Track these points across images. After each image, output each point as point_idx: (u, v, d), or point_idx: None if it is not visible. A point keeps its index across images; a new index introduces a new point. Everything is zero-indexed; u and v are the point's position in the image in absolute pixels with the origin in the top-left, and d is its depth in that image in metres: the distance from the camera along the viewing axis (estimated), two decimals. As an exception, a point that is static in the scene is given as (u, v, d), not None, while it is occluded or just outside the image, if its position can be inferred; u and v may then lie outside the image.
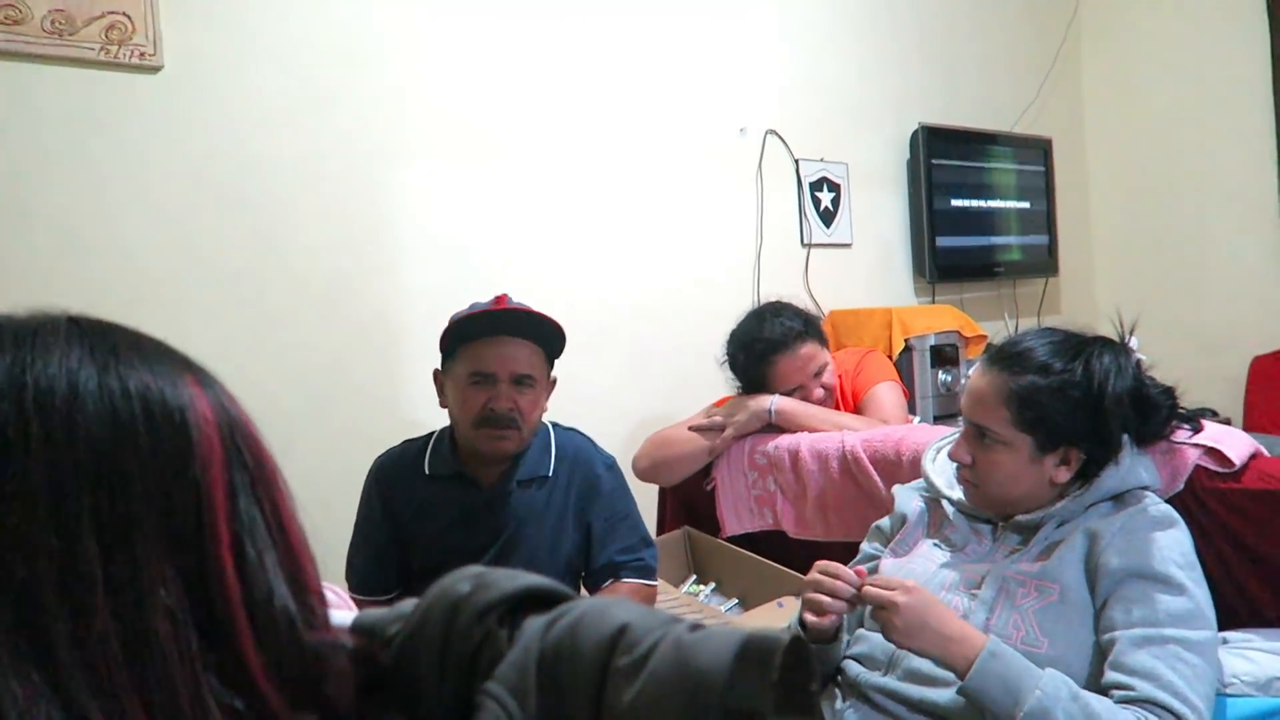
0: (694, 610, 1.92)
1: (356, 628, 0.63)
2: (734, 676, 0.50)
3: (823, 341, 2.25)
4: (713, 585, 2.12)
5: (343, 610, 0.64)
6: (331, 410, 2.10)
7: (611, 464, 1.80)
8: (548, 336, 1.67)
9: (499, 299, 1.67)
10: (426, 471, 1.73)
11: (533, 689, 0.53)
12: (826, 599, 1.27)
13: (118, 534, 0.49)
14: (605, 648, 0.53)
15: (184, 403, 0.54)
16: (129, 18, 1.84)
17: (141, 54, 1.86)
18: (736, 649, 0.51)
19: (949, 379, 2.91)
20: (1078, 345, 1.36)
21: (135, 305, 0.47)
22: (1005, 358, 1.37)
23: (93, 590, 0.48)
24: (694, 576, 2.17)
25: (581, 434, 1.82)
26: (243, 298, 2.01)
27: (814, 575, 1.30)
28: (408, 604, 0.62)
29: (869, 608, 1.28)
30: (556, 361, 1.77)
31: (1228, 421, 3.39)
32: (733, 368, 2.26)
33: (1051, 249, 3.87)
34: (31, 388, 0.50)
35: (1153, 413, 1.39)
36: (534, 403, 1.67)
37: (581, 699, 0.53)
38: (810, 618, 1.30)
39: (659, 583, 2.01)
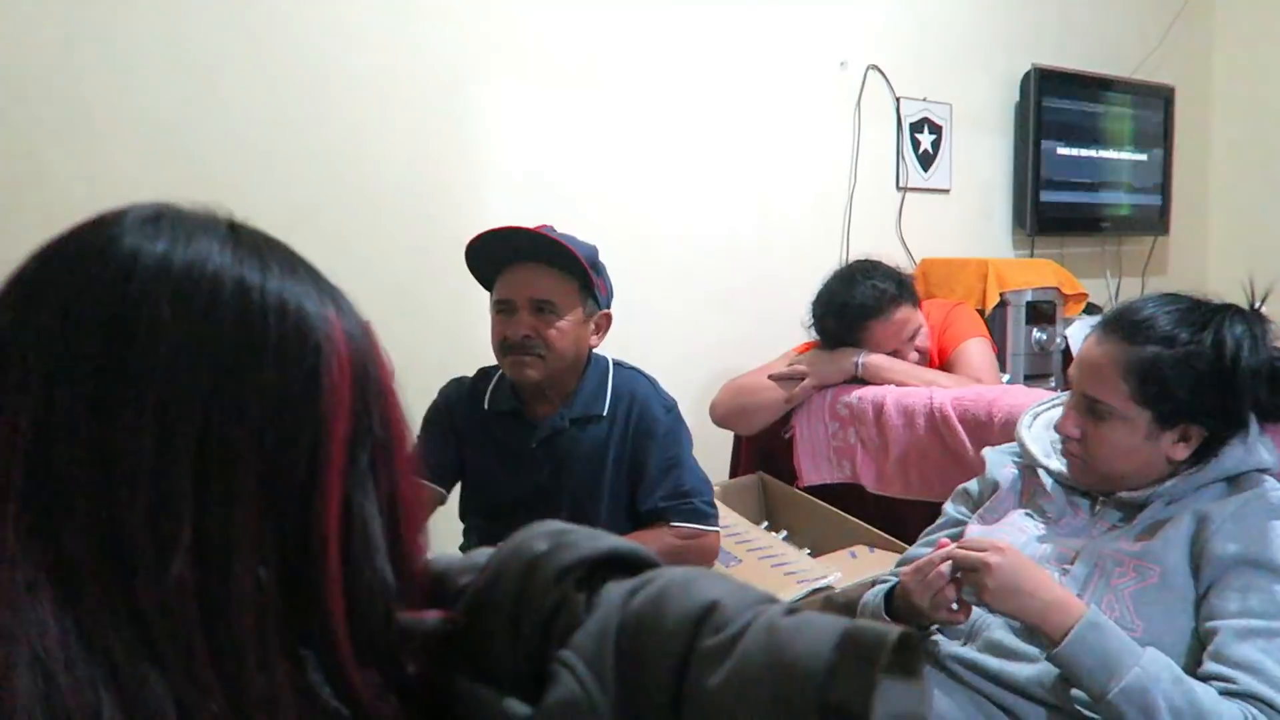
0: (771, 548, 1.88)
1: (427, 573, 0.60)
2: (833, 670, 0.45)
3: (915, 302, 2.16)
4: (784, 534, 2.07)
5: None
6: (398, 335, 2.07)
7: (671, 407, 1.74)
8: (570, 263, 1.61)
9: (536, 229, 1.62)
10: (486, 406, 1.72)
11: (610, 662, 0.49)
12: (946, 593, 1.20)
13: (218, 471, 0.45)
14: (691, 625, 0.49)
15: (321, 339, 0.49)
16: (217, -78, 1.80)
17: (232, -42, 1.83)
18: (837, 639, 0.46)
19: (1044, 337, 2.79)
20: (1206, 314, 1.25)
21: (218, 208, 0.46)
22: (1124, 326, 1.27)
23: (179, 524, 0.44)
24: (766, 523, 2.13)
25: (643, 374, 1.77)
26: (318, 215, 1.99)
27: (908, 583, 1.24)
28: (481, 554, 0.58)
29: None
30: (633, 299, 1.72)
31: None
32: (820, 332, 2.17)
33: (1164, 207, 3.65)
34: (174, 276, 0.47)
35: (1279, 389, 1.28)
36: (559, 330, 1.61)
37: (662, 677, 0.48)
38: (951, 616, 1.22)
39: (730, 514, 1.96)
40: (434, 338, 2.14)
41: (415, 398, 1.75)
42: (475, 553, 0.59)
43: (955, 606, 1.21)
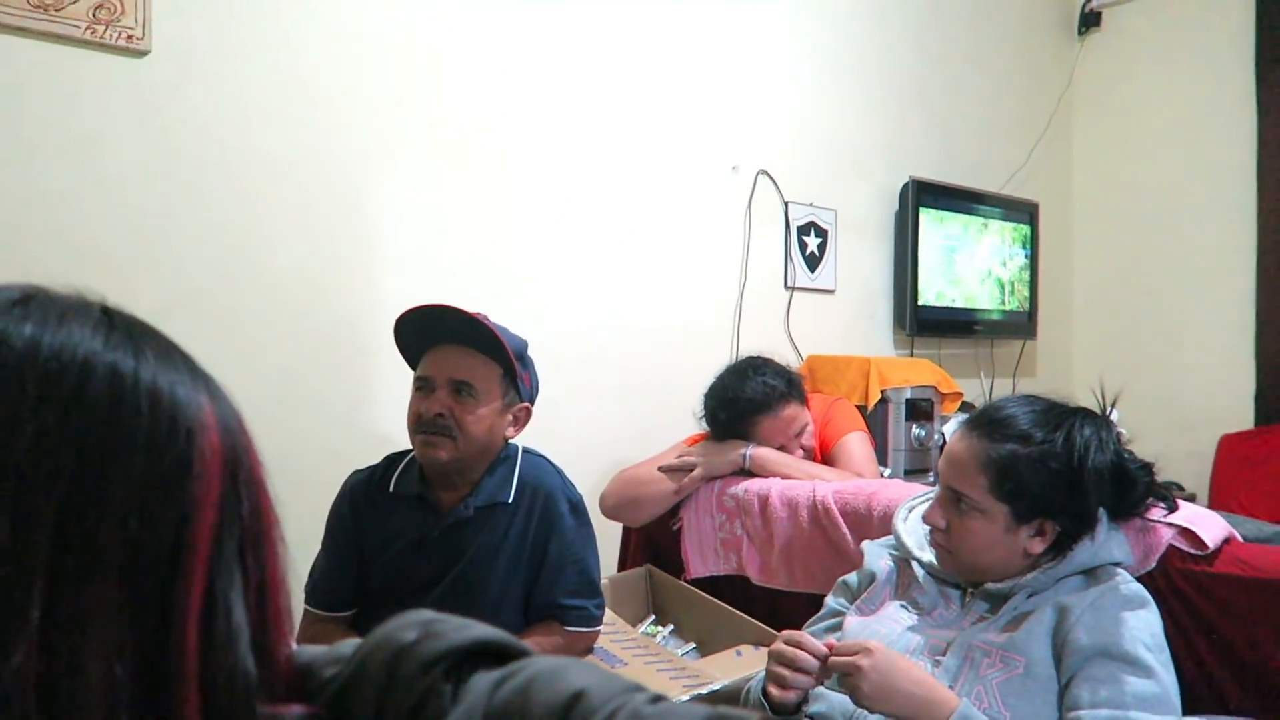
0: (650, 652, 1.87)
1: (292, 665, 0.58)
2: (695, 758, 0.46)
3: (803, 401, 2.23)
4: (671, 627, 2.07)
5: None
6: (292, 419, 2.03)
7: (577, 502, 1.75)
8: (497, 349, 1.62)
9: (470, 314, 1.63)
10: (391, 489, 1.69)
11: (475, 754, 0.49)
12: (789, 673, 1.23)
13: (76, 557, 0.44)
14: (558, 715, 0.49)
15: (194, 424, 0.49)
16: (120, -1, 1.80)
17: (129, 36, 1.81)
18: (699, 728, 0.47)
19: (922, 434, 2.89)
20: (1060, 415, 1.34)
21: (90, 292, 0.45)
22: (986, 424, 1.35)
23: (26, 613, 0.42)
24: (653, 616, 2.12)
25: (551, 464, 1.77)
26: (208, 295, 1.94)
27: (778, 646, 1.26)
28: (347, 645, 0.57)
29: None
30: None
31: (1193, 497, 3.40)
32: (712, 424, 2.23)
33: (1031, 312, 3.89)
34: (41, 362, 0.46)
35: (1130, 488, 1.37)
36: (476, 416, 1.61)
37: (528, 768, 0.48)
38: (775, 691, 1.25)
39: (616, 620, 1.97)
40: (328, 423, 2.10)
41: (310, 485, 1.73)
42: (341, 644, 0.58)
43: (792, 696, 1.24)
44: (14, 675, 0.42)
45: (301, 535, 1.73)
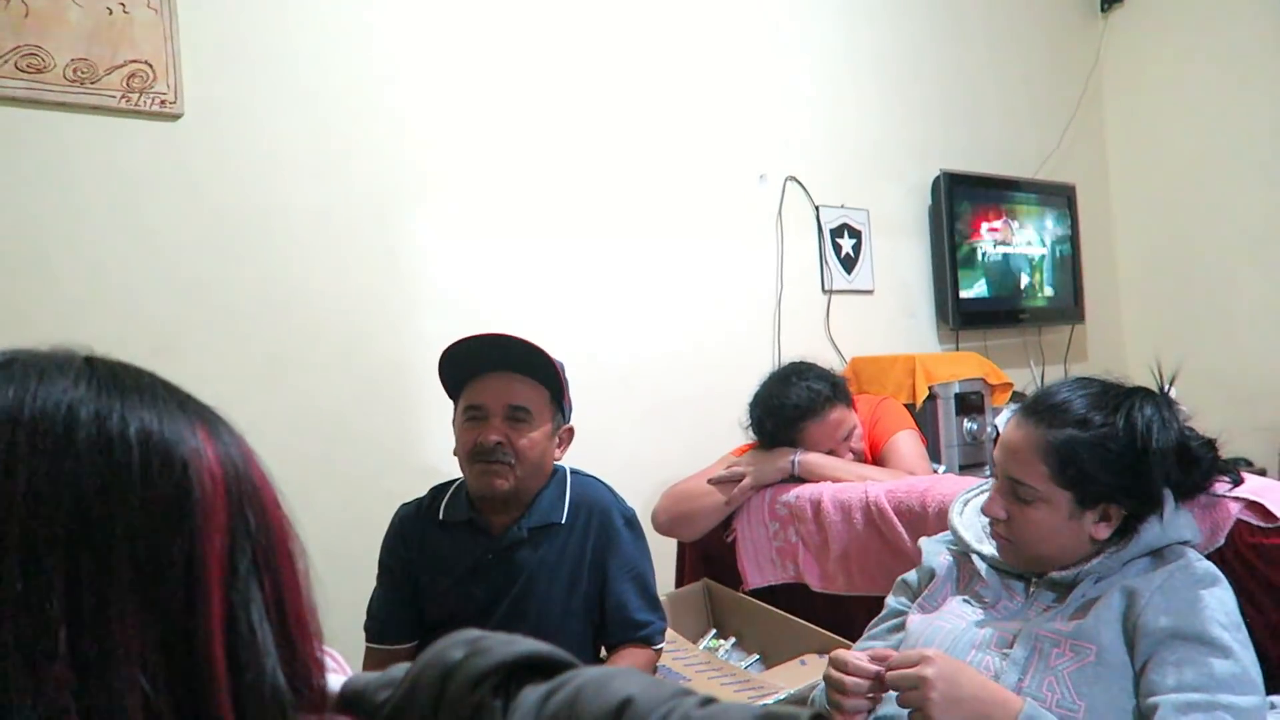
0: (713, 667, 1.85)
1: (345, 693, 0.59)
2: (749, 756, 0.46)
3: (849, 403, 2.21)
4: (732, 640, 2.05)
5: (335, 675, 0.61)
6: (343, 461, 2.07)
7: (631, 517, 1.75)
8: (545, 372, 1.63)
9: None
10: (440, 518, 1.70)
11: (529, 766, 0.49)
12: (845, 699, 1.21)
13: (92, 592, 0.46)
14: (607, 723, 0.49)
15: (188, 455, 0.51)
16: (150, 66, 1.86)
17: (162, 101, 1.87)
18: (752, 725, 0.47)
19: (974, 427, 2.85)
20: (1118, 397, 1.31)
21: (145, 355, 0.47)
22: (1041, 410, 1.32)
23: (52, 654, 0.44)
24: (714, 631, 2.11)
25: (601, 482, 1.78)
26: (255, 347, 1.99)
27: (829, 672, 1.23)
28: (399, 669, 0.58)
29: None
30: (574, 414, 1.74)
31: (1263, 472, 3.30)
32: (758, 433, 2.21)
33: (1077, 296, 3.81)
34: (27, 418, 0.48)
35: (1194, 466, 1.33)
36: (531, 440, 1.62)
37: (581, 778, 0.48)
38: (837, 717, 1.22)
39: (677, 637, 1.96)
40: (379, 463, 2.13)
41: (369, 524, 1.74)
42: (393, 668, 0.58)
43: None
44: (56, 715, 0.43)
45: (364, 573, 1.76)
